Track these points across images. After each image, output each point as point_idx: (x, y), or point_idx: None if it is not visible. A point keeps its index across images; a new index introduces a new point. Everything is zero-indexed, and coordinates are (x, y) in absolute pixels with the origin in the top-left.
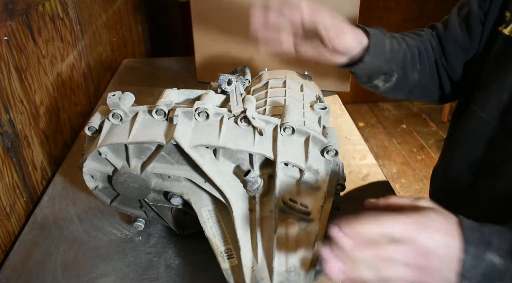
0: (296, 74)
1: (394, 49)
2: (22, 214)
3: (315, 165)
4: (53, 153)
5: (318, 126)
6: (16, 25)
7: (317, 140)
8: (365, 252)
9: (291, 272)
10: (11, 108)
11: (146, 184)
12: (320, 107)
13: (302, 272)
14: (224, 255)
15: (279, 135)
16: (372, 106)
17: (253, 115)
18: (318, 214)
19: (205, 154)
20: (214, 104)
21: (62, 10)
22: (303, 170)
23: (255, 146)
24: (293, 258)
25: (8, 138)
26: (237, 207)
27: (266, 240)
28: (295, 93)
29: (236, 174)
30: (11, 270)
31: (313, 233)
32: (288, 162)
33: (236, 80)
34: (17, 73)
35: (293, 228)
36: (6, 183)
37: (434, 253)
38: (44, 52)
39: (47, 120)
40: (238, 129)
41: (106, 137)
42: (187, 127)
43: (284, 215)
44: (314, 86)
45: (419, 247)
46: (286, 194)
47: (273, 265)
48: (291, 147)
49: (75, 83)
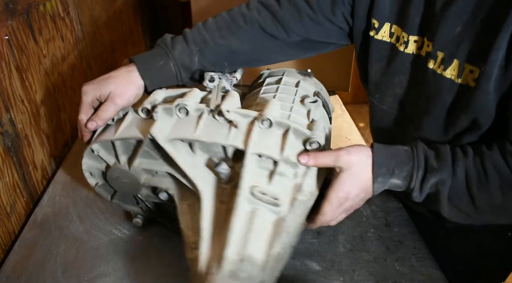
0: (295, 72)
1: (180, 68)
2: (22, 213)
3: (293, 158)
4: (53, 152)
5: (306, 119)
6: (17, 24)
7: (299, 133)
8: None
9: (244, 261)
10: (11, 108)
11: (136, 180)
12: (310, 101)
13: (259, 263)
14: (192, 246)
15: (256, 127)
16: None
17: (227, 109)
18: (289, 206)
19: (182, 148)
20: (196, 101)
21: (63, 10)
22: (278, 162)
23: (229, 138)
24: (251, 248)
25: (9, 138)
26: (207, 199)
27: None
28: (288, 88)
29: (209, 166)
30: (11, 269)
31: (281, 225)
32: (261, 153)
33: (220, 77)
34: (18, 72)
35: (258, 219)
36: (6, 182)
37: (355, 202)
38: (45, 51)
39: (47, 120)
40: (216, 123)
41: (97, 136)
42: (168, 123)
43: (251, 206)
44: (315, 82)
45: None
46: (256, 185)
47: (224, 252)
48: (268, 140)
49: (76, 83)
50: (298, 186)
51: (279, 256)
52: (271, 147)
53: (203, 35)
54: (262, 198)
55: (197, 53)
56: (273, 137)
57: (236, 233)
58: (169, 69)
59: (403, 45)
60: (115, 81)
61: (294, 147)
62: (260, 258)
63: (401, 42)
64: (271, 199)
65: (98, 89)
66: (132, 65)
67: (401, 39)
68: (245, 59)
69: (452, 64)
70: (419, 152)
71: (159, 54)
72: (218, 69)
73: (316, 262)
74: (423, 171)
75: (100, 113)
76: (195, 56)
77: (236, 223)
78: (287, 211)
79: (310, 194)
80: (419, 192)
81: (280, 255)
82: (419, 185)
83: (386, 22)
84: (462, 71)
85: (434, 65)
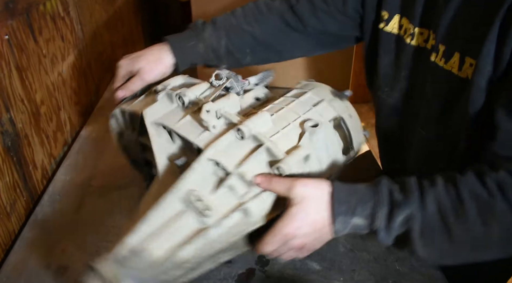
0: (327, 90)
1: (209, 50)
2: (22, 213)
3: (249, 175)
4: (53, 152)
5: (292, 142)
6: (17, 24)
7: (271, 153)
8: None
9: (139, 252)
10: (11, 107)
11: (137, 151)
12: (310, 124)
13: (152, 260)
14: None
15: (229, 135)
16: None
17: (209, 109)
18: (220, 221)
19: (163, 134)
20: (196, 94)
21: (63, 10)
22: (230, 174)
23: (197, 137)
24: (155, 243)
25: (9, 137)
26: (157, 184)
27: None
28: (303, 106)
29: (172, 157)
30: (11, 269)
31: (201, 235)
32: (217, 161)
33: (228, 77)
34: (18, 72)
35: (181, 221)
36: (6, 182)
37: (306, 241)
38: (45, 51)
39: (47, 119)
40: (197, 120)
41: (121, 104)
42: (165, 107)
43: (182, 206)
44: (345, 106)
45: (297, 244)
46: (196, 189)
47: (127, 238)
48: (235, 150)
49: (76, 83)
50: (243, 207)
51: (183, 263)
52: (231, 157)
53: (230, 20)
54: (194, 203)
55: (224, 37)
56: (241, 149)
57: (149, 225)
58: (199, 50)
59: (409, 37)
60: (146, 58)
61: (258, 166)
62: (157, 255)
63: (408, 34)
64: (202, 208)
65: (130, 65)
66: (165, 44)
67: (408, 31)
68: (265, 49)
69: (453, 57)
70: (382, 187)
71: (190, 35)
72: (242, 56)
73: (316, 262)
74: (388, 207)
75: (128, 84)
76: (223, 39)
77: (153, 216)
78: (214, 225)
79: (256, 218)
80: (385, 231)
81: (185, 262)
82: (385, 224)
83: (395, 14)
84: (463, 65)
85: (436, 58)
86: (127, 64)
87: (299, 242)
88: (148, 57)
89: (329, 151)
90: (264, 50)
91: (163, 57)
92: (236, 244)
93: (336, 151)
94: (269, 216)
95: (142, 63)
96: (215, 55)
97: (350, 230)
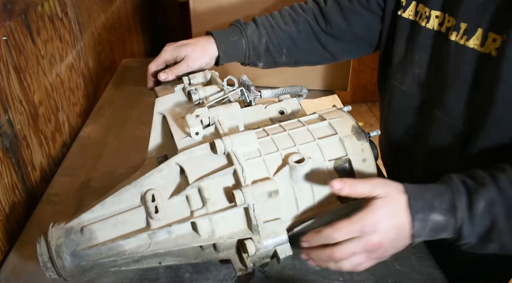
0: (350, 125)
1: (250, 46)
2: (21, 214)
3: (207, 193)
4: (52, 153)
5: (266, 172)
6: (15, 25)
7: (236, 177)
8: (334, 238)
9: (85, 231)
10: (10, 109)
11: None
12: (295, 159)
13: (93, 242)
14: None
15: (205, 146)
16: (371, 105)
17: (198, 113)
18: (165, 224)
19: (166, 126)
20: (206, 94)
21: (61, 10)
22: (189, 184)
23: (183, 138)
24: (103, 227)
25: (7, 139)
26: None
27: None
28: (304, 135)
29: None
30: (10, 271)
31: (145, 232)
32: (183, 168)
33: (241, 87)
34: (16, 73)
35: (134, 216)
36: (5, 183)
37: (384, 241)
38: (43, 52)
39: (46, 121)
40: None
41: (157, 87)
42: (178, 100)
43: (138, 202)
44: (361, 149)
45: (374, 242)
46: (154, 189)
47: (82, 213)
48: (204, 162)
49: (74, 83)
50: (193, 220)
51: (120, 253)
52: (198, 169)
53: (270, 20)
54: (146, 202)
55: (265, 36)
56: (211, 163)
57: (104, 208)
58: (241, 46)
59: (424, 20)
60: (193, 47)
61: (219, 186)
62: (97, 238)
63: (423, 17)
64: (151, 209)
65: (177, 51)
66: (210, 36)
67: (423, 15)
68: (298, 50)
69: (476, 34)
70: (453, 179)
71: (234, 31)
72: (278, 55)
73: None
74: (467, 195)
75: (173, 68)
76: (263, 38)
77: (110, 201)
78: (160, 229)
79: (204, 237)
80: (469, 224)
81: (123, 253)
82: (468, 214)
83: (413, 1)
84: (486, 40)
85: (456, 37)
86: (172, 49)
87: (376, 239)
88: (195, 46)
89: (315, 193)
90: (297, 51)
91: (209, 48)
92: (184, 252)
93: (327, 194)
94: (218, 239)
95: (188, 51)
96: (255, 52)
97: (430, 231)
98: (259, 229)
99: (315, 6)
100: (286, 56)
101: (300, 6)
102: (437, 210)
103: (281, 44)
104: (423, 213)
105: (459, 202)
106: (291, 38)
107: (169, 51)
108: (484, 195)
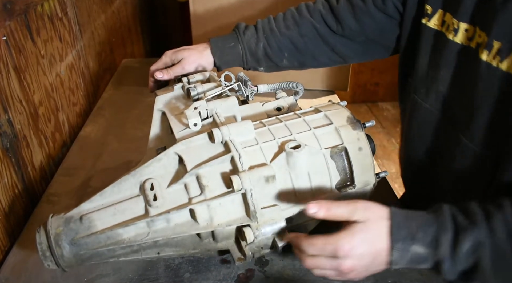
0: (345, 115)
1: (247, 52)
2: (21, 214)
3: (206, 180)
4: (52, 153)
5: (263, 158)
6: (14, 25)
7: (233, 163)
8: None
9: (84, 219)
10: (10, 108)
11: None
12: (291, 146)
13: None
14: None
15: (203, 135)
16: (371, 105)
17: (196, 106)
18: (164, 211)
19: (166, 122)
20: (204, 90)
21: (61, 10)
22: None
23: (181, 130)
24: (102, 216)
25: (7, 138)
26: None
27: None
28: (300, 125)
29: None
30: (10, 270)
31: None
32: (181, 157)
33: (238, 82)
34: (16, 73)
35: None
36: (5, 183)
37: (357, 266)
38: (43, 52)
39: (46, 120)
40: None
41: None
42: (178, 97)
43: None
44: (356, 138)
45: (346, 267)
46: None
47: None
48: (202, 151)
49: (74, 83)
50: (191, 207)
51: (119, 242)
52: (196, 157)
53: (271, 24)
54: (145, 191)
55: (263, 40)
56: (209, 152)
57: (104, 197)
58: (237, 52)
59: (452, 33)
60: (190, 52)
61: (217, 173)
62: (96, 226)
63: (450, 29)
64: (150, 197)
65: (175, 54)
66: (209, 43)
67: (450, 26)
68: (302, 54)
69: (511, 56)
70: (443, 211)
71: (231, 37)
72: (279, 60)
73: None
74: (453, 231)
75: (169, 69)
76: (261, 43)
77: (110, 191)
78: (159, 217)
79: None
80: (451, 261)
81: (121, 242)
82: (451, 251)
83: (439, 9)
84: None
85: (488, 57)
86: (172, 53)
87: (349, 264)
88: (192, 51)
89: (312, 180)
90: (301, 54)
91: (205, 54)
92: (183, 242)
93: (324, 182)
94: (216, 227)
95: (185, 54)
96: (253, 57)
97: (409, 261)
98: (257, 215)
99: (325, 6)
100: (288, 60)
101: (307, 6)
102: (419, 242)
103: (281, 48)
104: (404, 243)
105: (443, 238)
106: (292, 42)
107: (169, 55)
108: (472, 235)
